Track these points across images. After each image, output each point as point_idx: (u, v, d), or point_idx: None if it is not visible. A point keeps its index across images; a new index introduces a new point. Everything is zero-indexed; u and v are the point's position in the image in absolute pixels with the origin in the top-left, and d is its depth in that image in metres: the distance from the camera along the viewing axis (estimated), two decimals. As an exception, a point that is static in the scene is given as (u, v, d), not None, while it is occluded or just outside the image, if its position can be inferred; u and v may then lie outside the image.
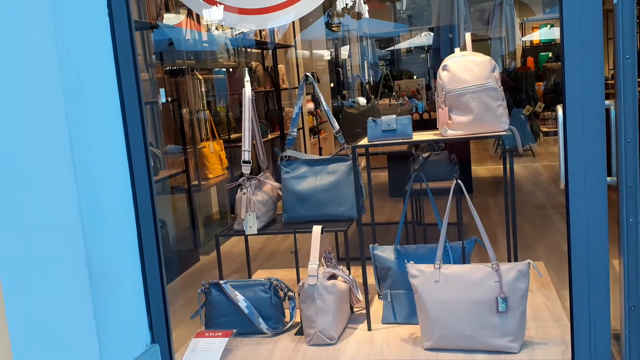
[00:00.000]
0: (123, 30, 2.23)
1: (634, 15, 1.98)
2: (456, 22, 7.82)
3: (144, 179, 2.32)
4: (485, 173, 7.28)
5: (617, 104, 2.01)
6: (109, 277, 2.26)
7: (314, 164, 3.05)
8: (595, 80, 2.00)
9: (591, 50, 1.98)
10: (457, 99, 2.76)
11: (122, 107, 2.30)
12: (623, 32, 1.98)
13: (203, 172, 4.88)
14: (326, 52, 10.12)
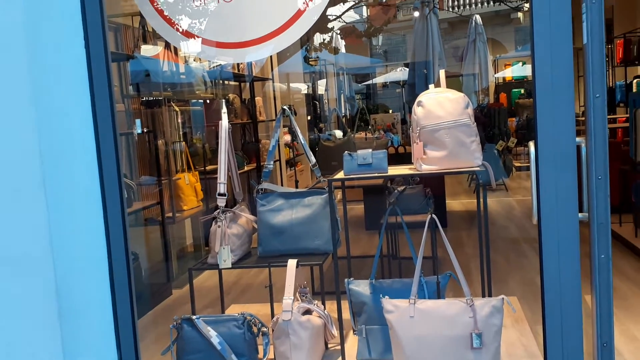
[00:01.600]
0: (99, 62, 2.22)
1: (603, 55, 2.03)
2: (431, 59, 7.96)
3: (117, 211, 2.29)
4: (460, 207, 7.34)
5: (588, 142, 2.05)
6: (79, 311, 2.21)
7: (290, 197, 3.05)
8: (566, 118, 2.04)
9: (562, 88, 2.02)
10: (431, 134, 2.79)
11: (96, 138, 2.28)
12: (593, 71, 2.02)
13: (177, 203, 4.84)
14: (303, 85, 10.21)
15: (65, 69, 2.21)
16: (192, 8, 2.75)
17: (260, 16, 2.68)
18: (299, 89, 9.79)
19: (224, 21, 2.75)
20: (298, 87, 9.76)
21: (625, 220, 5.56)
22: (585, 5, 2.01)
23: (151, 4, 2.79)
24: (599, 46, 2.02)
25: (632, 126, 5.31)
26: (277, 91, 7.92)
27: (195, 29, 2.79)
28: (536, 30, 2.03)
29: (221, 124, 2.94)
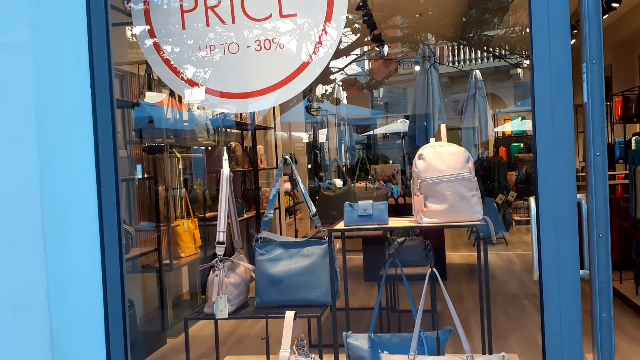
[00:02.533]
0: (104, 110, 2.25)
1: (604, 114, 2.06)
2: (431, 111, 8.06)
3: (115, 258, 2.27)
4: (460, 260, 7.30)
5: (589, 200, 2.05)
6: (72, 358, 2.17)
7: (289, 247, 3.03)
8: (567, 174, 2.05)
9: (562, 144, 2.03)
10: (432, 187, 2.80)
11: (98, 185, 2.28)
12: (593, 130, 2.04)
13: (175, 250, 4.81)
14: (305, 134, 10.30)
15: (70, 114, 2.23)
16: (197, 58, 2.80)
17: (265, 68, 2.73)
18: (300, 138, 9.87)
19: (229, 72, 2.79)
20: (299, 136, 9.85)
21: (626, 278, 5.52)
22: (585, 66, 2.04)
23: (157, 52, 2.84)
24: (599, 105, 2.04)
25: (632, 183, 5.33)
26: (279, 139, 7.99)
27: (199, 78, 2.83)
28: (537, 87, 2.06)
29: (222, 172, 2.95)
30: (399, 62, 10.65)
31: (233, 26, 2.75)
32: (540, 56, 2.06)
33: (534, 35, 2.06)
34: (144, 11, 2.85)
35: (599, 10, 2.04)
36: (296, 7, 2.69)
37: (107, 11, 2.33)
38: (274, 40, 2.70)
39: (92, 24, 2.30)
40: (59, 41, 2.25)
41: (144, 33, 2.88)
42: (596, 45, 2.05)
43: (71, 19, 2.26)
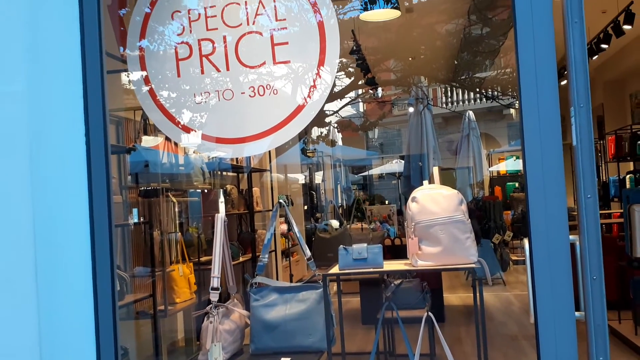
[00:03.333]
0: (99, 156, 2.26)
1: (593, 156, 2.08)
2: (426, 152, 8.12)
3: (108, 306, 2.26)
4: (457, 301, 7.24)
5: (582, 242, 2.06)
6: (62, 411, 2.13)
7: (284, 292, 3.01)
8: (559, 216, 2.05)
9: (553, 186, 2.04)
10: (426, 230, 2.81)
11: (91, 231, 2.28)
12: (583, 172, 2.05)
13: (170, 296, 4.77)
14: (301, 175, 10.33)
15: (64, 162, 2.25)
16: (192, 104, 2.83)
17: (260, 113, 2.76)
18: (296, 179, 9.90)
19: (224, 117, 2.82)
20: (295, 178, 9.88)
21: (625, 317, 5.48)
22: (573, 109, 2.07)
23: (152, 99, 2.88)
24: (589, 148, 2.06)
25: (627, 222, 5.34)
26: (275, 182, 8.01)
27: (195, 124, 2.86)
28: (526, 130, 2.08)
29: (217, 217, 2.95)
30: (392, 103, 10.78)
31: (227, 73, 2.79)
32: (528, 100, 2.09)
33: (522, 80, 2.10)
34: (139, 58, 2.90)
35: (585, 56, 2.08)
36: (289, 54, 2.74)
37: (102, 59, 2.36)
38: (268, 86, 2.74)
39: (87, 72, 2.33)
40: (53, 89, 2.28)
41: (139, 79, 2.92)
42: (583, 89, 2.08)
43: (66, 67, 2.29)
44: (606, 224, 9.11)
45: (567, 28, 2.08)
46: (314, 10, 2.75)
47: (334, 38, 2.71)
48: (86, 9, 2.35)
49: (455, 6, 6.48)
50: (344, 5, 6.64)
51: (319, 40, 2.72)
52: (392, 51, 7.83)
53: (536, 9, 2.10)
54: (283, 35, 2.75)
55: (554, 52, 2.08)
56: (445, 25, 7.19)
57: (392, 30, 7.11)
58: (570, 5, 2.07)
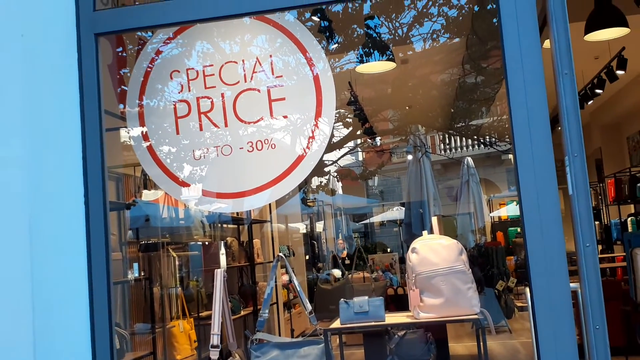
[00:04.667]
0: (98, 218, 2.27)
1: (590, 204, 2.08)
2: (426, 199, 8.13)
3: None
4: (464, 350, 7.12)
5: (582, 291, 2.04)
6: None
7: (285, 348, 2.97)
8: (559, 264, 2.04)
9: (551, 233, 2.04)
10: (427, 281, 2.79)
11: (90, 291, 2.27)
12: (581, 220, 2.06)
13: (171, 353, 4.70)
14: (302, 225, 10.31)
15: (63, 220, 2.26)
16: (192, 159, 2.85)
17: (259, 166, 2.78)
18: (297, 229, 9.88)
19: (222, 172, 2.84)
20: (296, 227, 9.86)
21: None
22: (567, 159, 2.09)
23: (151, 155, 2.90)
24: (585, 196, 2.07)
25: (630, 266, 5.30)
26: (276, 232, 7.99)
27: (194, 179, 2.87)
28: (522, 180, 2.09)
29: (216, 272, 2.93)
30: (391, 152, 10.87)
31: (225, 129, 2.82)
32: (522, 150, 2.11)
33: (515, 130, 2.12)
34: (138, 115, 2.94)
35: (577, 106, 2.11)
36: (287, 108, 2.78)
37: (101, 117, 2.40)
38: (266, 140, 2.77)
39: (86, 131, 2.36)
40: (51, 151, 2.31)
41: (138, 136, 2.95)
42: (577, 138, 2.10)
43: (65, 126, 2.33)
44: (610, 268, 9.06)
45: (557, 79, 2.12)
46: (310, 65, 2.80)
47: (330, 91, 2.75)
48: (85, 69, 2.39)
49: (449, 56, 6.60)
50: (340, 58, 6.77)
51: (315, 93, 2.77)
52: (389, 101, 7.94)
53: (526, 61, 2.15)
54: (280, 91, 2.79)
55: (546, 102, 2.11)
56: (440, 75, 7.31)
57: (388, 81, 7.22)
58: (559, 58, 2.12)
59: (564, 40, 2.11)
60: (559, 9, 2.13)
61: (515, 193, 8.15)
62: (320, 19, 5.21)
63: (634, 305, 5.30)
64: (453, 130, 8.90)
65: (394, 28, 6.32)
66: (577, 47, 2.11)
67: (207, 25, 2.88)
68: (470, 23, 5.76)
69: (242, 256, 6.53)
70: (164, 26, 2.73)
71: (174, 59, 2.98)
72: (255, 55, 2.83)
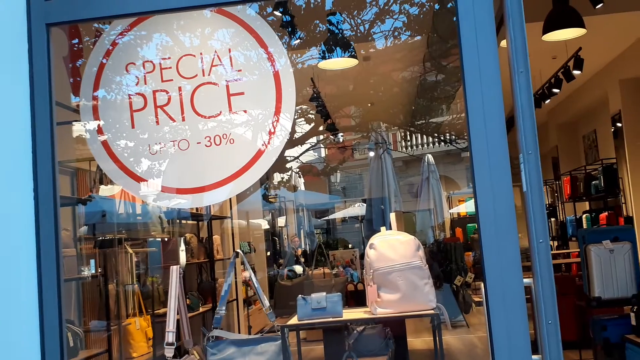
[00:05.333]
0: (48, 212, 2.21)
1: (543, 201, 2.11)
2: (387, 195, 8.18)
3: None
4: (422, 345, 7.18)
5: (536, 287, 2.07)
6: None
7: (242, 345, 2.94)
8: (512, 259, 2.07)
9: (505, 229, 2.06)
10: (384, 277, 2.80)
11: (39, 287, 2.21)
12: (534, 217, 2.09)
13: (127, 350, 4.62)
14: (263, 221, 10.27)
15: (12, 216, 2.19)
16: (149, 155, 2.80)
17: (218, 161, 2.75)
18: (258, 225, 9.83)
19: (181, 167, 2.80)
20: (258, 223, 9.81)
21: (585, 357, 5.51)
22: (522, 156, 2.11)
23: (106, 149, 2.84)
24: (539, 194, 2.10)
25: (584, 262, 5.43)
26: (236, 228, 7.92)
27: (150, 174, 2.83)
28: (477, 175, 2.11)
29: (172, 269, 2.89)
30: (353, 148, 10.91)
31: (183, 123, 2.78)
32: (478, 147, 2.13)
33: (471, 127, 2.14)
34: (92, 108, 2.87)
35: (532, 104, 2.14)
36: (246, 103, 2.75)
37: (52, 109, 2.32)
38: (224, 135, 2.74)
39: (37, 123, 2.29)
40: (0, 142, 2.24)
41: (92, 130, 2.88)
42: (531, 136, 2.13)
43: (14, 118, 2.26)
44: (566, 264, 9.27)
45: (513, 77, 2.14)
46: (270, 60, 2.78)
47: (290, 86, 2.74)
48: (36, 60, 2.32)
49: (410, 54, 6.65)
50: (302, 54, 6.75)
51: (275, 88, 2.75)
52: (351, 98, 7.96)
53: (483, 60, 2.16)
54: (239, 85, 2.76)
55: (501, 100, 2.13)
56: (402, 73, 7.36)
57: (351, 77, 7.24)
58: (515, 56, 2.14)
59: (520, 39, 2.13)
60: (516, 8, 2.15)
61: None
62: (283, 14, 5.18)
63: (587, 300, 5.42)
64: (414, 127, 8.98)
65: (356, 25, 6.33)
66: (536, 47, 2.15)
67: (166, 17, 2.83)
68: (431, 21, 5.81)
69: (201, 252, 6.46)
70: (120, 17, 2.67)
71: (130, 51, 2.92)
72: (214, 49, 2.79)
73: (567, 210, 10.67)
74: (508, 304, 2.05)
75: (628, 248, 5.28)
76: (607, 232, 5.92)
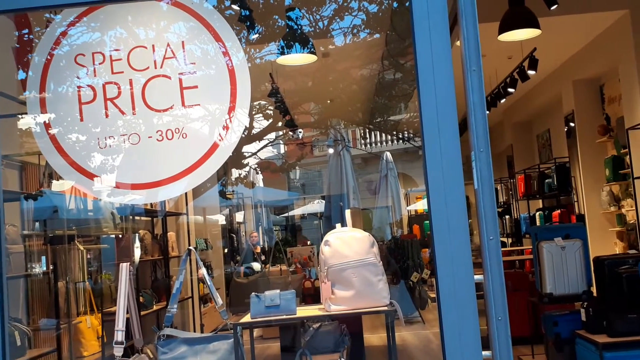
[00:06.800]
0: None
1: (494, 198, 2.13)
2: (345, 192, 8.20)
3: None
4: (379, 341, 7.23)
5: (486, 284, 2.09)
6: None
7: (193, 343, 2.89)
8: (463, 256, 2.09)
9: (457, 227, 2.08)
10: (339, 273, 2.79)
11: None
12: (485, 214, 2.11)
13: (77, 349, 4.51)
14: (221, 217, 10.16)
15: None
16: (99, 150, 2.74)
17: (172, 156, 2.70)
18: (216, 221, 9.73)
19: (134, 163, 2.74)
20: (215, 219, 9.71)
21: (538, 352, 5.62)
22: (473, 154, 2.13)
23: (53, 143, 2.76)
24: (490, 191, 2.12)
25: (536, 259, 5.53)
26: (192, 225, 7.82)
27: (104, 170, 2.76)
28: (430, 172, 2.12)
29: (122, 267, 2.82)
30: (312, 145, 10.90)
31: (134, 117, 2.72)
32: (431, 145, 2.15)
33: (424, 125, 2.15)
34: (39, 101, 2.78)
35: (483, 102, 2.15)
36: (199, 97, 2.71)
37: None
38: (177, 129, 2.69)
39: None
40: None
41: (40, 124, 2.80)
42: (483, 134, 2.15)
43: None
44: (519, 260, 9.46)
45: (466, 76, 2.16)
46: (225, 55, 2.74)
47: (245, 81, 2.70)
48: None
49: (369, 52, 6.66)
50: (261, 48, 6.70)
51: (229, 83, 2.71)
52: (310, 94, 7.95)
53: (437, 59, 2.17)
54: (193, 79, 2.72)
55: (454, 99, 2.15)
56: (360, 70, 7.38)
57: (310, 74, 7.22)
58: (468, 54, 2.15)
59: (473, 37, 2.15)
60: (469, 6, 2.16)
61: (431, 187, 8.03)
62: (241, 8, 5.12)
63: (539, 296, 5.52)
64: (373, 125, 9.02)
65: (315, 21, 6.32)
66: (492, 47, 2.17)
67: (120, 9, 2.76)
68: (390, 19, 5.84)
69: (155, 249, 6.36)
70: (68, 6, 2.60)
71: (80, 41, 2.85)
72: (168, 41, 2.74)
73: (521, 207, 10.88)
74: (459, 300, 2.07)
75: (579, 245, 5.39)
76: (558, 229, 6.06)
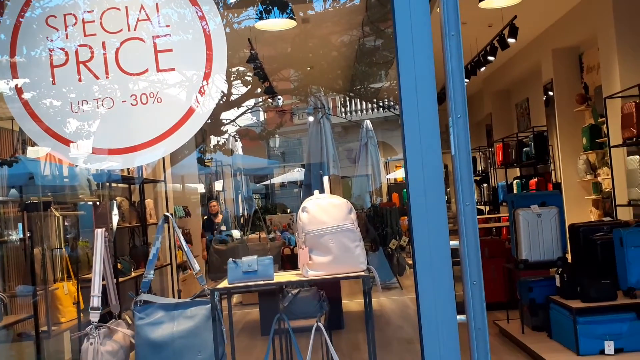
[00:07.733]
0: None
1: (470, 164, 2.14)
2: (325, 160, 8.21)
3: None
4: (357, 307, 7.32)
5: (461, 248, 2.11)
6: None
7: (171, 309, 2.89)
8: (439, 222, 2.10)
9: (433, 193, 2.09)
10: (316, 239, 2.80)
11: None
12: (462, 180, 2.12)
13: (55, 315, 4.50)
14: (200, 185, 10.12)
15: None
16: (72, 114, 2.69)
17: (147, 121, 2.66)
18: (195, 189, 9.68)
19: (109, 127, 2.70)
20: (194, 188, 9.66)
21: (513, 317, 5.72)
22: (451, 120, 2.13)
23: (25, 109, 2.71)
24: (466, 157, 2.12)
25: (512, 226, 5.60)
26: (171, 192, 7.77)
27: (80, 136, 2.72)
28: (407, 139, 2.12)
29: (97, 232, 2.80)
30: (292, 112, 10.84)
31: (107, 80, 2.67)
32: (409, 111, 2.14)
33: (403, 92, 2.14)
34: (10, 65, 2.72)
35: (462, 68, 2.14)
36: (174, 61, 2.67)
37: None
38: (152, 94, 2.65)
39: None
40: None
41: (11, 88, 2.74)
42: (460, 100, 2.14)
43: None
44: (496, 227, 9.57)
45: (444, 40, 2.14)
46: (201, 18, 2.69)
47: (221, 46, 2.67)
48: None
49: (349, 17, 6.59)
50: (239, 13, 6.59)
51: (205, 48, 2.67)
52: (290, 61, 7.86)
53: (415, 24, 2.15)
54: (167, 42, 2.68)
55: (432, 65, 2.14)
56: (341, 37, 7.31)
57: (289, 40, 7.13)
58: (447, 19, 2.13)
59: (452, 2, 2.13)
60: (448, -30, 2.13)
61: (410, 155, 8.08)
62: (218, -29, 5.02)
63: (515, 262, 5.61)
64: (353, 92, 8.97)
65: (294, -16, 6.21)
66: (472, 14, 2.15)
67: (91, -31, 2.69)
68: (370, -16, 5.77)
69: (133, 217, 6.31)
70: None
71: (52, 3, 2.78)
72: (142, 3, 2.68)
73: (499, 176, 10.98)
74: (434, 265, 2.09)
75: (555, 212, 5.48)
76: (535, 197, 6.13)
